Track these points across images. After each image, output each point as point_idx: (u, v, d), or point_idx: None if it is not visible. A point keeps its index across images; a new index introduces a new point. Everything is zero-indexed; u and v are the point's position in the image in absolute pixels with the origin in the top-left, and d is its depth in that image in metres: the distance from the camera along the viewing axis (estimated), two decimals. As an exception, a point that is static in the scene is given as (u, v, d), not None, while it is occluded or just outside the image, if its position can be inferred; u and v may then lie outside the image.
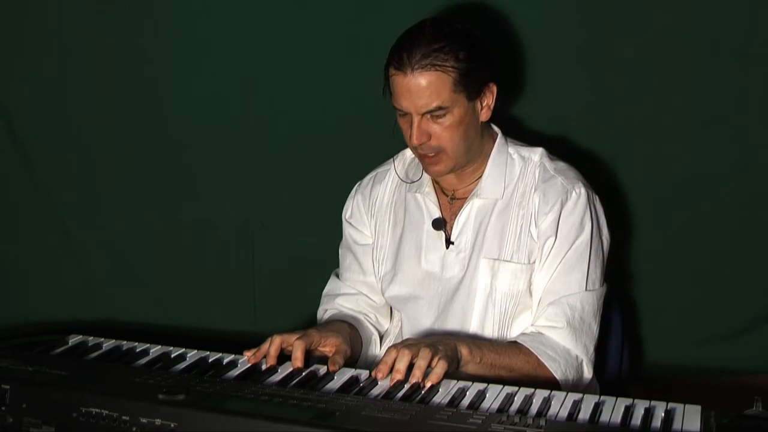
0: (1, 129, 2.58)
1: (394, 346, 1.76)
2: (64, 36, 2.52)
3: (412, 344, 1.75)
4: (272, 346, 1.81)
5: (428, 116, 1.92)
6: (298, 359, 1.78)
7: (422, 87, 1.90)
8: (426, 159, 1.98)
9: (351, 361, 1.88)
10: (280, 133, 2.57)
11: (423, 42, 1.91)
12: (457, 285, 2.05)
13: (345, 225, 2.21)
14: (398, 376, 1.68)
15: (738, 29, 2.35)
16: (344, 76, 2.50)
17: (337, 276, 2.22)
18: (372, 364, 1.77)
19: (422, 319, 2.09)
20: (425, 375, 1.68)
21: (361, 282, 2.18)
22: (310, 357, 1.84)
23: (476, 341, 1.90)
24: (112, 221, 2.64)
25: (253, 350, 1.82)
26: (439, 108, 1.91)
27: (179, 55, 2.53)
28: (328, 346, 1.88)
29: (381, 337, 2.19)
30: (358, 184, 2.22)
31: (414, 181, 2.11)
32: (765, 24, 2.34)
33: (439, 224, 2.08)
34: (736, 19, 2.34)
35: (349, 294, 2.17)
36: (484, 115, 2.00)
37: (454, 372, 1.77)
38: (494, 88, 1.99)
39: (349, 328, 2.04)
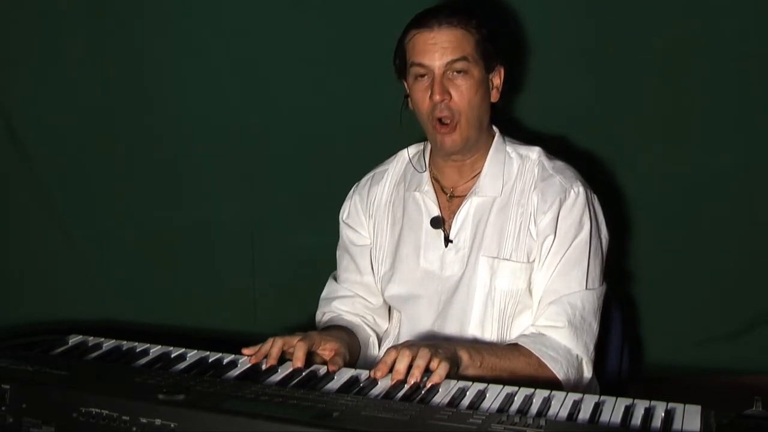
0: (1, 129, 2.58)
1: (394, 347, 1.76)
2: (63, 36, 2.52)
3: (411, 345, 1.75)
4: (274, 347, 1.81)
5: (449, 74, 1.97)
6: (299, 359, 1.79)
7: (448, 40, 1.96)
8: (442, 129, 1.99)
9: (349, 365, 1.87)
10: (280, 133, 2.57)
11: (445, 7, 2.00)
12: (457, 283, 2.05)
13: (342, 226, 2.22)
14: (398, 376, 1.68)
15: (738, 29, 2.35)
16: (344, 76, 2.50)
17: (335, 279, 2.22)
18: (371, 366, 1.77)
19: (422, 319, 2.09)
20: (426, 375, 1.68)
21: (358, 283, 2.18)
22: (310, 358, 1.84)
23: (476, 346, 1.90)
24: (112, 221, 2.64)
25: (253, 348, 1.82)
26: (464, 59, 1.96)
27: (179, 55, 2.52)
28: (327, 349, 1.88)
29: (380, 339, 2.19)
30: (356, 185, 2.23)
31: (422, 171, 2.11)
32: (764, 24, 2.34)
33: (437, 222, 2.08)
34: (736, 19, 2.34)
35: (346, 297, 2.17)
36: (494, 95, 2.05)
37: (454, 376, 1.76)
38: (502, 72, 2.05)
39: (347, 335, 2.04)
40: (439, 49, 1.96)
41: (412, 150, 2.18)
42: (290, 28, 2.49)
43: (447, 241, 2.07)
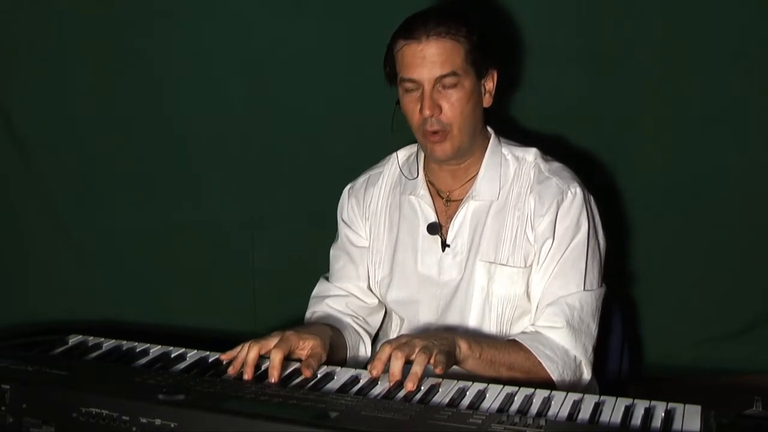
0: (1, 129, 2.58)
1: (389, 342, 1.74)
2: (64, 36, 2.52)
3: (405, 343, 1.71)
4: (250, 353, 1.73)
5: (439, 87, 1.93)
6: (275, 368, 1.71)
7: (437, 53, 1.91)
8: (432, 138, 1.96)
9: (336, 365, 1.82)
10: (281, 133, 2.57)
11: (434, 14, 1.95)
12: (455, 289, 2.04)
13: (341, 226, 2.20)
14: (394, 378, 1.66)
15: (737, 29, 2.35)
16: (345, 76, 2.50)
17: (327, 279, 2.20)
18: (361, 368, 1.76)
19: (422, 323, 2.08)
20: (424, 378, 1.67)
21: (354, 284, 2.16)
22: (289, 357, 1.78)
23: (476, 337, 1.90)
24: (112, 221, 2.64)
25: (230, 353, 1.78)
26: (453, 74, 1.92)
27: (179, 54, 2.53)
28: (305, 349, 1.81)
29: (375, 338, 2.17)
30: (350, 186, 2.21)
31: (413, 178, 2.11)
32: (764, 24, 2.34)
33: (434, 229, 2.06)
34: (735, 19, 2.34)
35: (339, 296, 2.15)
36: (487, 100, 2.02)
37: (451, 367, 1.75)
38: (495, 75, 2.02)
39: (330, 331, 1.96)
40: (428, 63, 1.91)
41: (402, 154, 2.16)
42: (291, 29, 2.49)
43: (444, 245, 2.06)
